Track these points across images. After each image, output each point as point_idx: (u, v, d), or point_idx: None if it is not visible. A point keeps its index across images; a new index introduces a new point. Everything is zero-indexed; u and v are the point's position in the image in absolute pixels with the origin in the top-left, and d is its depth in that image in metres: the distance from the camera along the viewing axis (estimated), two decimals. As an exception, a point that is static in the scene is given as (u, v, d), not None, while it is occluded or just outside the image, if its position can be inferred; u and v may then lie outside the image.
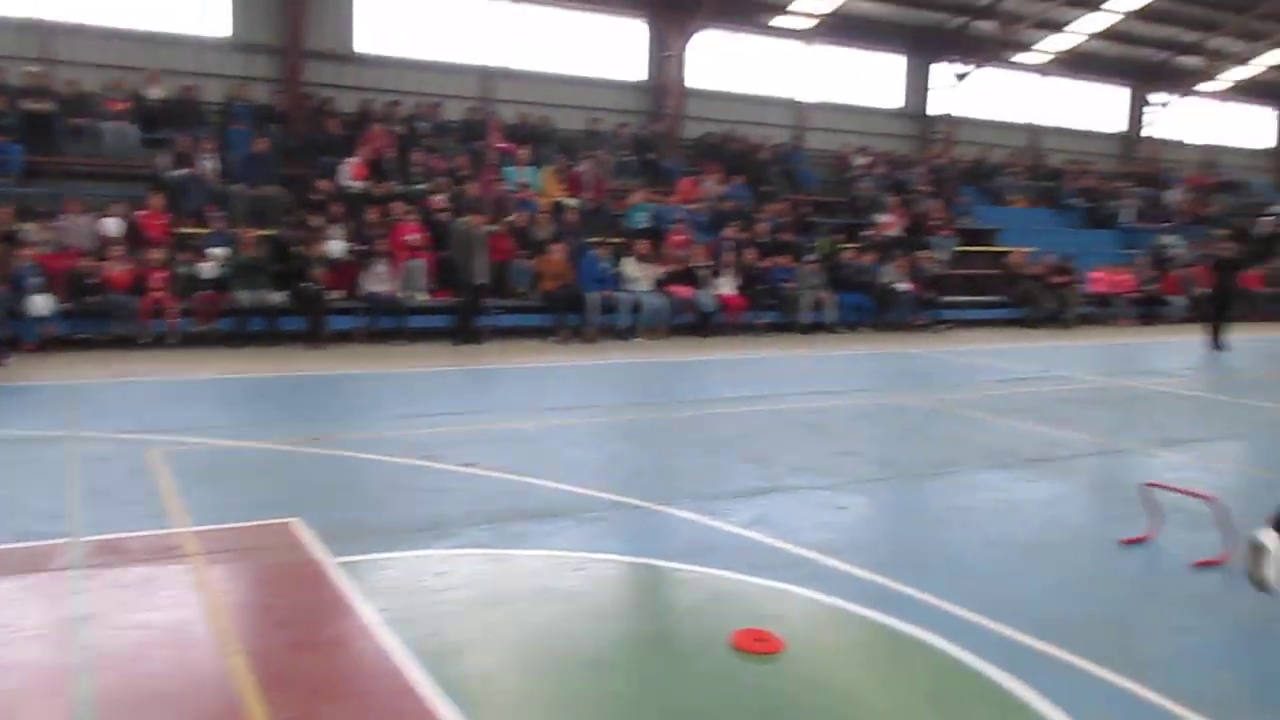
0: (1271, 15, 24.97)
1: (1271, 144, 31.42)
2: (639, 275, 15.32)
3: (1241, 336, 17.29)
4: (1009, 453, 7.70)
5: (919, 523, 5.97)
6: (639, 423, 8.63)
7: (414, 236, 14.35)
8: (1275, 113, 31.10)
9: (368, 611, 4.15)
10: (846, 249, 18.10)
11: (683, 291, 15.52)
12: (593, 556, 4.96)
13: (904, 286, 17.65)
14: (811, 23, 22.06)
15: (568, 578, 4.67)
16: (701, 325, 15.60)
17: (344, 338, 13.39)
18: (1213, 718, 3.45)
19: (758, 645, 3.90)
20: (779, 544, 5.25)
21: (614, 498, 6.04)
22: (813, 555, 5.08)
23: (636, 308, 14.93)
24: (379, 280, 13.80)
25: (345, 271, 13.80)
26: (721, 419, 8.83)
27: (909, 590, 4.61)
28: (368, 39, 18.73)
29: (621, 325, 14.81)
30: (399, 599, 4.32)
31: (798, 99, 22.86)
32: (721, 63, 21.90)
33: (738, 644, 3.91)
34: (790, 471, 6.86)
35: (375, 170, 15.74)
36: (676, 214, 17.22)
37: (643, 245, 15.70)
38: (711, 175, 19.00)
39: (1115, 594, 4.79)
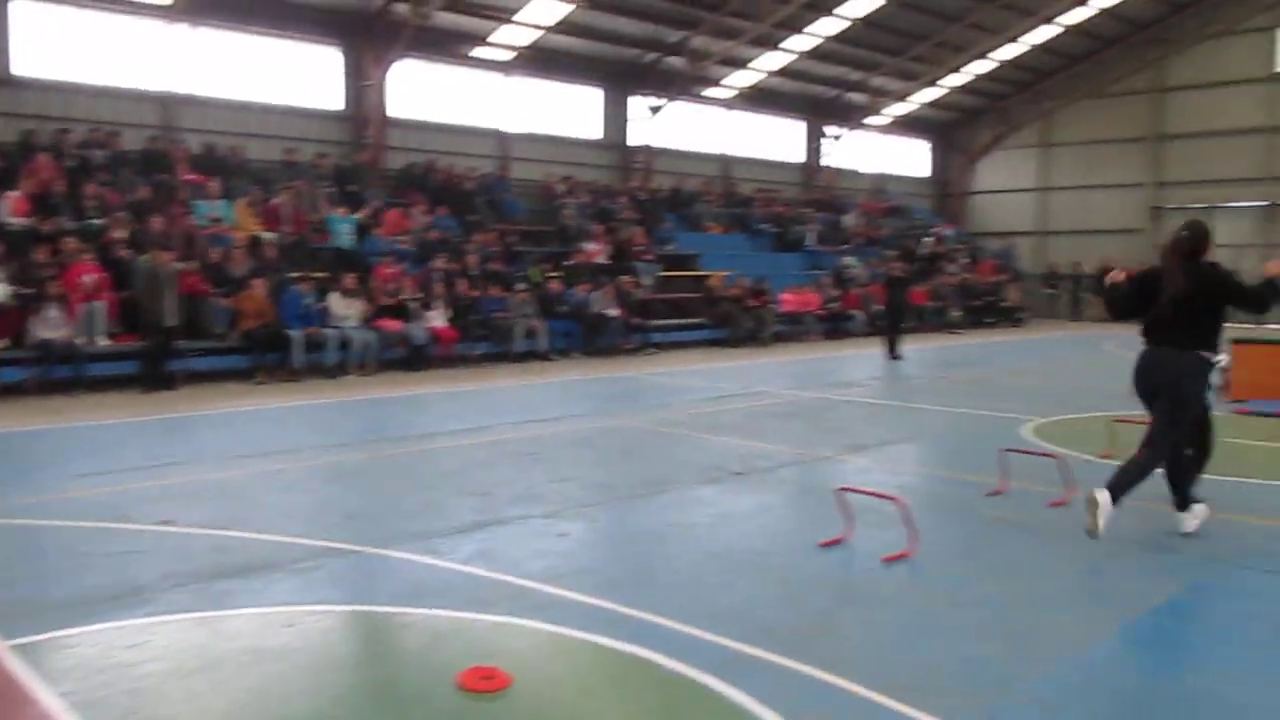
0: (920, 58, 27.92)
1: (928, 173, 35.05)
2: (346, 310, 14.84)
3: (913, 347, 19.12)
4: (718, 467, 8.08)
5: (639, 542, 6.13)
6: (351, 463, 8.33)
7: (91, 277, 13.15)
8: (929, 145, 34.74)
9: (50, 698, 3.72)
10: (555, 277, 18.40)
11: (392, 325, 15.19)
12: (306, 609, 4.72)
13: (612, 312, 18.17)
14: (510, 55, 22.34)
15: (279, 635, 4.41)
16: (413, 359, 15.32)
17: (11, 391, 12.05)
18: (902, 699, 3.76)
19: (484, 684, 3.84)
20: (502, 577, 5.22)
21: (327, 544, 5.79)
22: (536, 585, 5.09)
23: (344, 344, 14.45)
24: (52, 326, 12.53)
25: (10, 318, 12.44)
26: (438, 454, 8.69)
27: (632, 611, 4.72)
28: (28, 61, 16.98)
29: (329, 363, 14.27)
30: (88, 679, 3.91)
31: (502, 129, 23.03)
32: (423, 93, 21.70)
33: (464, 684, 3.84)
34: (510, 502, 6.85)
35: (41, 205, 14.30)
36: (383, 245, 16.84)
37: (349, 279, 15.22)
38: (417, 206, 18.76)
39: (817, 595, 5.12)
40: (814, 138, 30.30)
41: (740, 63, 25.92)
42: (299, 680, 3.97)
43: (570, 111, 24.50)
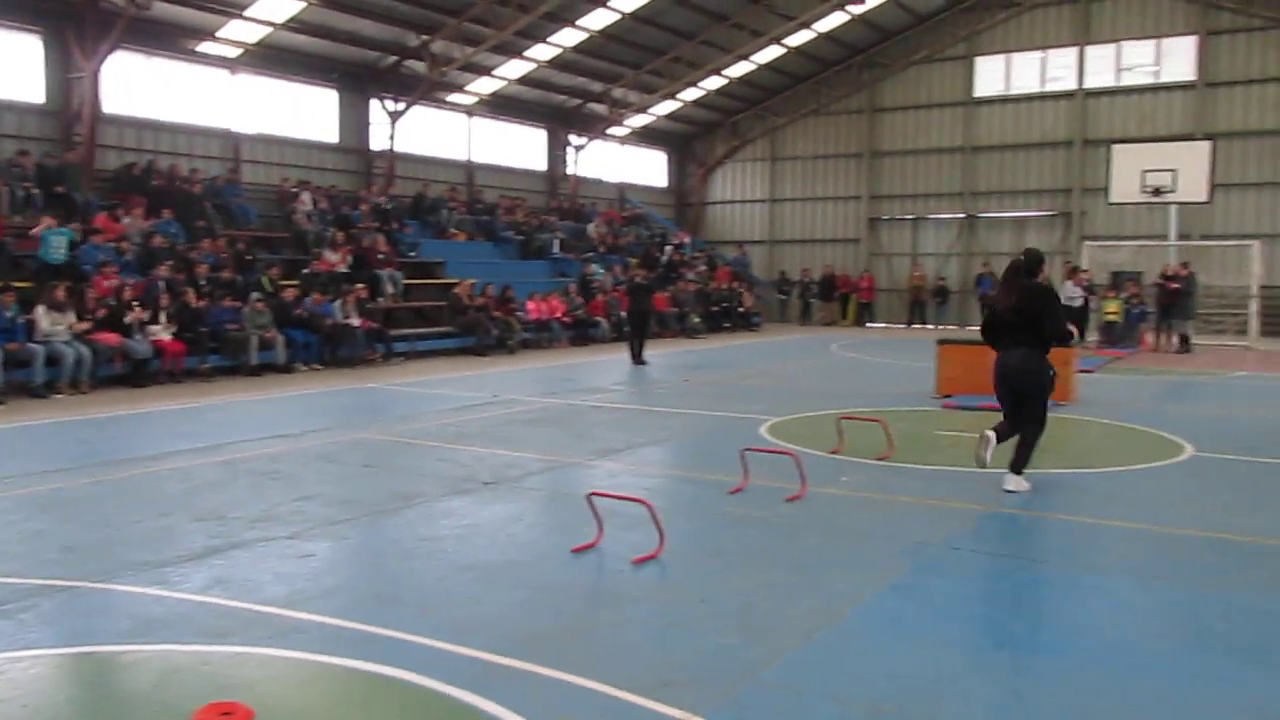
0: (658, 72, 28.83)
1: (666, 183, 36.22)
2: (54, 323, 13.56)
3: (656, 352, 19.69)
4: (468, 478, 8.00)
5: (387, 559, 5.97)
6: (65, 491, 7.61)
7: None
8: (666, 156, 35.91)
9: None
10: (291, 286, 17.60)
11: (110, 339, 14.03)
12: (13, 656, 4.28)
13: (354, 321, 17.61)
14: (238, 51, 21.19)
15: (-17, 686, 3.97)
16: (135, 375, 14.22)
17: None
18: (652, 696, 3.87)
19: (224, 720, 3.62)
20: (240, 604, 4.94)
21: (38, 582, 5.28)
22: (279, 611, 4.85)
23: (52, 360, 13.19)
24: None
25: None
26: (166, 476, 8.11)
27: (381, 630, 4.59)
28: None
29: (35, 382, 13.00)
30: None
31: (231, 129, 21.79)
32: (143, 89, 20.16)
33: (201, 722, 3.60)
34: (248, 525, 6.50)
35: None
36: (100, 253, 15.52)
37: (59, 289, 13.91)
38: (135, 210, 17.42)
39: (571, 600, 5.18)
40: (557, 146, 30.61)
41: (483, 69, 25.80)
42: (7, 735, 3.59)
43: (306, 113, 23.49)
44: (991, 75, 30.81)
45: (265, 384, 14.79)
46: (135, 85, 20.02)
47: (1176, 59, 28.38)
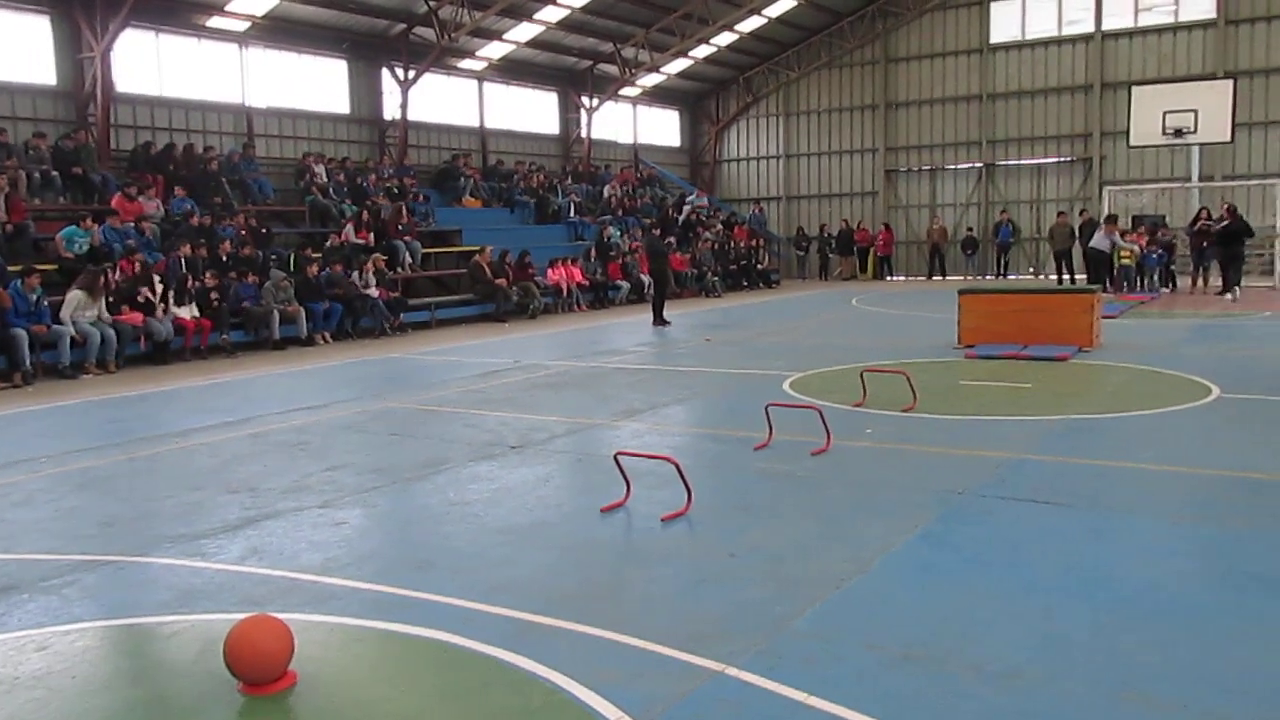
0: (668, 30, 28.56)
1: (679, 143, 35.97)
2: (79, 305, 13.67)
3: (677, 312, 19.68)
4: (495, 443, 8.06)
5: (419, 524, 6.04)
6: (100, 469, 7.73)
7: None
8: (679, 115, 35.64)
9: None
10: (313, 259, 17.66)
11: (134, 318, 14.14)
12: (59, 630, 4.37)
13: (374, 292, 17.68)
14: (246, 24, 21.13)
15: (31, 660, 4.07)
16: (160, 353, 14.35)
17: None
18: (685, 649, 3.92)
19: (268, 685, 3.70)
20: (277, 573, 5.02)
21: (79, 558, 5.38)
22: (315, 578, 4.93)
23: (79, 341, 13.33)
24: None
25: None
26: (197, 451, 8.21)
27: (416, 593, 4.66)
28: None
29: (63, 363, 13.14)
30: None
31: (244, 105, 21.78)
32: (154, 67, 20.16)
33: (247, 688, 3.68)
34: (281, 495, 6.58)
35: None
36: (121, 235, 15.61)
37: (98, 276, 13.96)
38: (152, 190, 17.48)
39: (601, 558, 5.23)
40: (569, 109, 30.43)
41: (492, 34, 25.63)
42: (59, 706, 3.68)
43: (317, 85, 23.44)
44: (1007, 20, 30.32)
45: (288, 357, 14.89)
46: (146, 63, 20.01)
47: (1196, -4, 27.83)
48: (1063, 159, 29.94)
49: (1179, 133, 22.43)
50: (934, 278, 30.36)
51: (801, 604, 4.42)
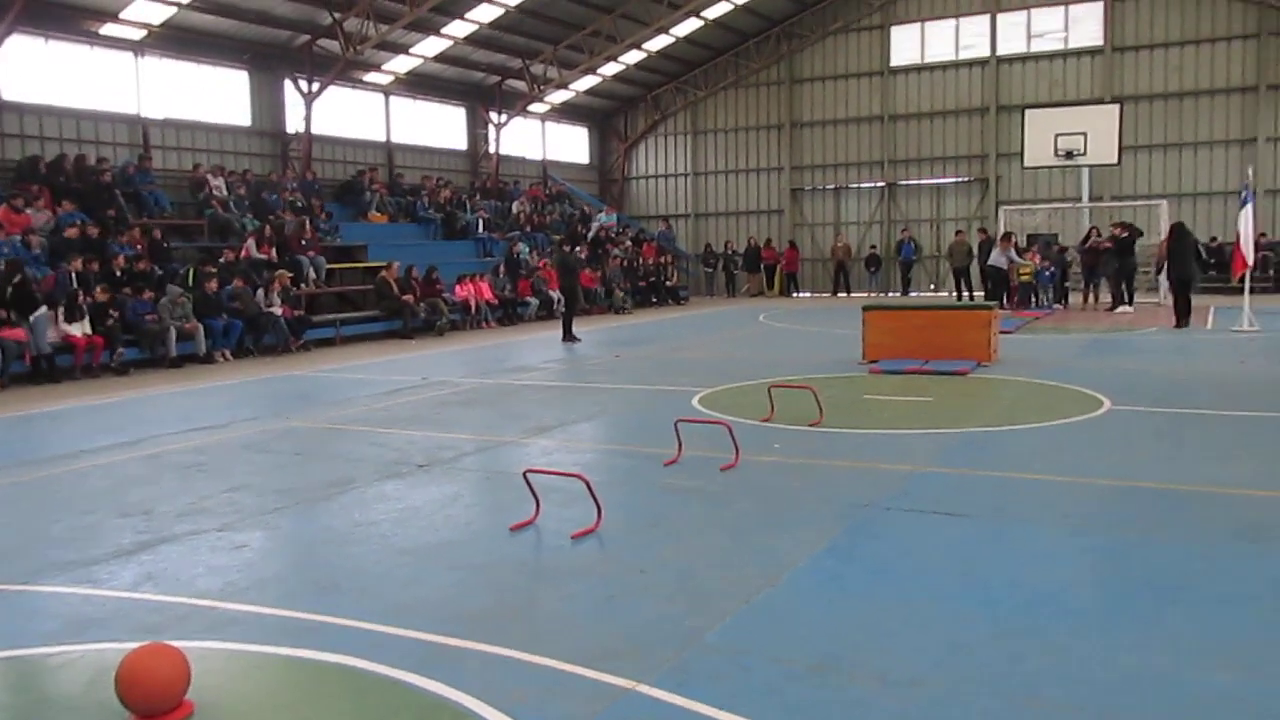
0: (577, 47, 28.63)
1: (588, 160, 36.04)
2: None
3: (585, 328, 19.68)
4: (402, 462, 7.93)
5: (323, 546, 5.90)
6: (-18, 492, 7.37)
7: None
8: (587, 132, 35.72)
9: None
10: (212, 274, 17.18)
11: (15, 335, 13.56)
12: (-62, 662, 4.15)
13: (276, 310, 17.28)
14: (142, 33, 20.52)
15: (-95, 695, 3.85)
16: (46, 372, 13.79)
17: None
18: (596, 667, 3.90)
19: (164, 715, 3.56)
20: (173, 599, 4.85)
21: (-41, 586, 5.11)
22: (213, 603, 4.77)
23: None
24: None
25: None
26: (88, 474, 7.89)
27: (320, 617, 4.55)
28: None
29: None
30: None
31: (140, 115, 21.11)
32: (44, 74, 19.42)
33: (141, 719, 3.54)
34: (177, 518, 6.36)
35: None
36: (6, 248, 14.96)
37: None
38: (41, 201, 16.81)
39: (511, 577, 5.18)
40: (478, 124, 30.25)
41: (399, 47, 25.35)
42: (-66, 743, 3.48)
43: (216, 96, 22.85)
44: (907, 44, 31.18)
45: (186, 376, 14.45)
46: (35, 71, 19.28)
47: (1085, 25, 29.03)
48: (961, 179, 30.85)
49: (1070, 155, 23.30)
50: (839, 294, 30.94)
51: (711, 619, 4.43)
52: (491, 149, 30.22)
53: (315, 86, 23.77)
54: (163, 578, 5.20)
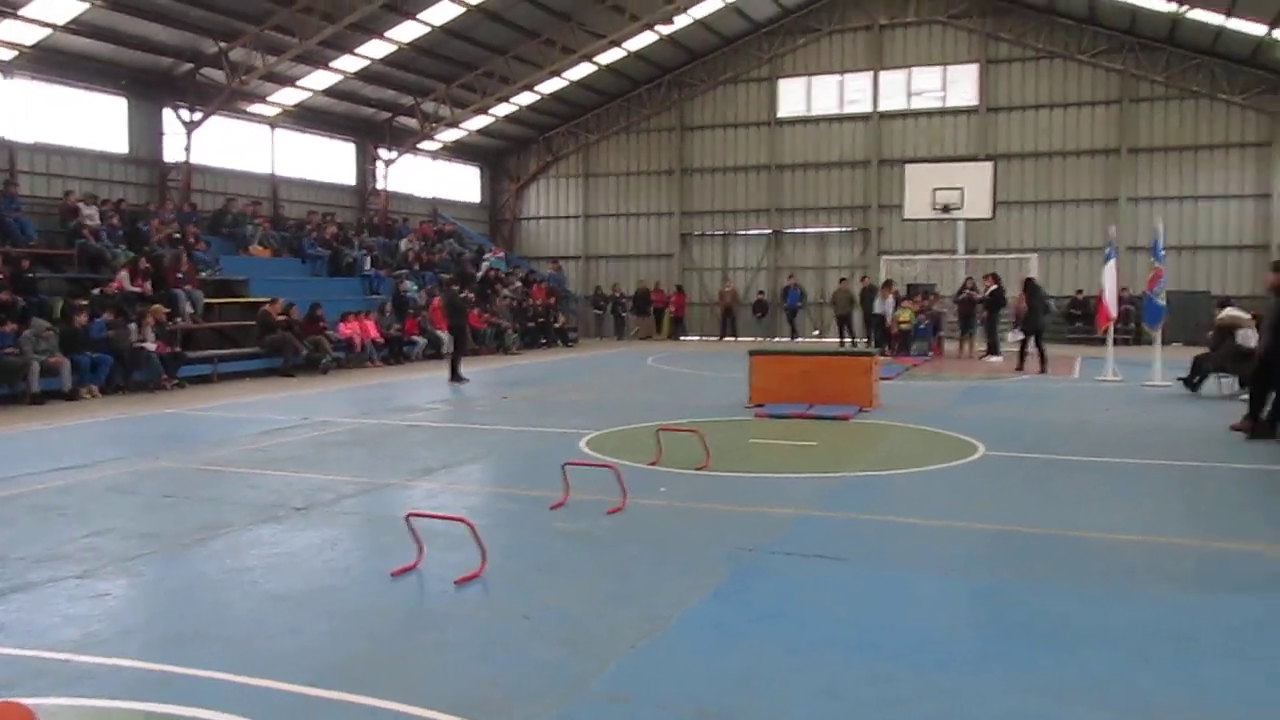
0: (470, 86, 28.59)
1: (479, 199, 35.91)
2: None
3: (473, 369, 19.48)
4: (279, 505, 7.67)
5: (191, 594, 5.64)
6: None
7: None
8: (479, 171, 35.62)
9: None
10: (82, 307, 16.43)
11: None
12: None
13: (150, 345, 16.62)
14: (12, 54, 19.70)
15: None
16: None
17: None
18: (474, 716, 3.81)
19: (7, 777, 3.33)
20: (26, 652, 4.56)
21: None
22: (69, 656, 4.50)
23: None
24: None
25: None
26: (-65, 516, 7.40)
27: (185, 669, 4.33)
28: None
29: None
30: None
31: (6, 139, 20.18)
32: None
33: (-20, 783, 3.30)
34: (33, 565, 6.01)
35: None
36: None
37: None
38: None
39: (390, 624, 5.03)
40: (366, 160, 29.86)
41: (286, 80, 24.92)
42: None
43: (91, 122, 22.03)
44: (794, 97, 32.10)
45: (49, 412, 13.75)
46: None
47: (961, 85, 30.38)
48: (844, 228, 31.74)
49: (947, 208, 24.20)
50: (726, 339, 31.37)
51: (596, 665, 4.38)
52: (381, 185, 29.85)
53: (197, 116, 23.15)
54: (15, 629, 4.89)
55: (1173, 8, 24.28)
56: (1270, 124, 27.61)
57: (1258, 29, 24.14)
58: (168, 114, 23.27)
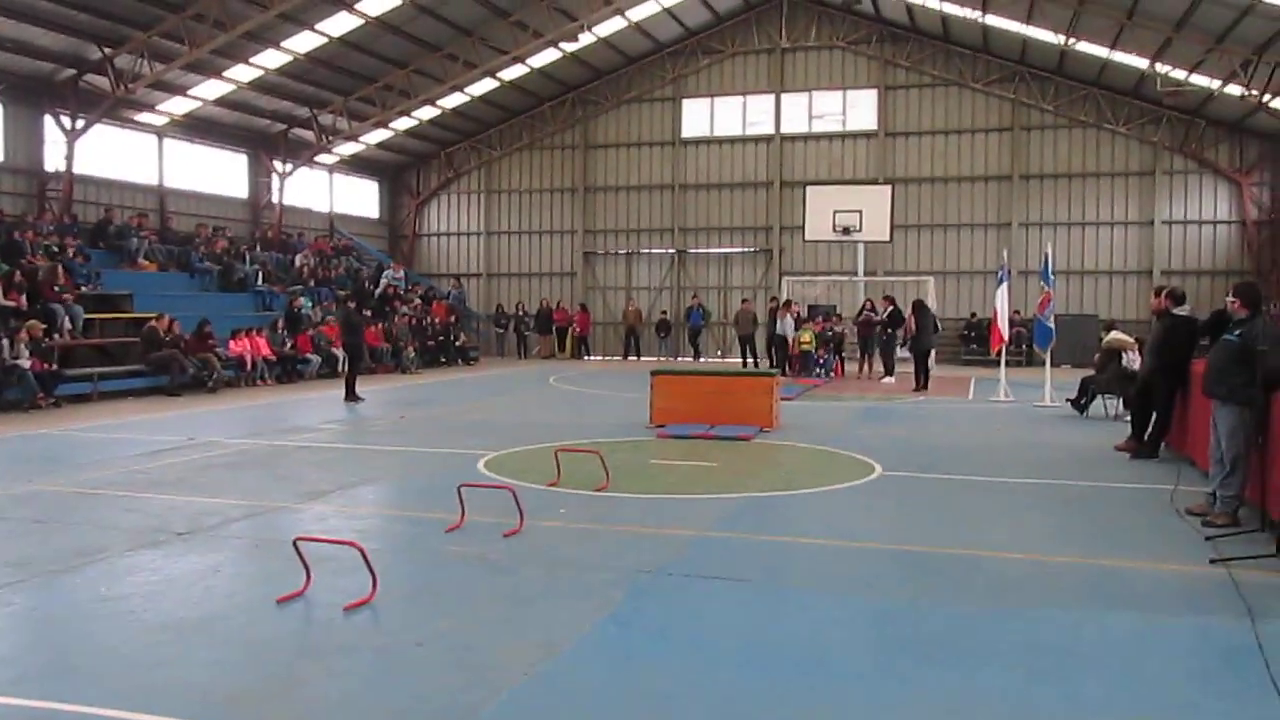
0: (369, 99, 28.14)
1: (378, 214, 35.32)
2: None
3: (370, 388, 19.08)
4: (160, 529, 7.35)
5: (63, 623, 5.34)
6: None
7: None
8: (377, 186, 35.06)
9: None
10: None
11: None
12: None
13: (25, 361, 15.85)
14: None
15: None
16: None
17: None
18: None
19: None
20: (-128, 691, 4.24)
21: None
22: (-78, 694, 4.21)
23: None
24: None
25: None
26: None
27: (54, 704, 4.09)
28: None
29: None
30: None
31: None
32: None
33: None
34: (-115, 596, 5.62)
35: None
36: None
37: None
38: None
39: (276, 654, 4.84)
40: (260, 173, 29.12)
41: (176, 88, 24.16)
42: None
43: (-35, 128, 21.04)
44: (697, 117, 32.44)
45: (-87, 432, 12.99)
46: None
47: (860, 110, 31.11)
48: (747, 249, 32.14)
49: (847, 231, 24.66)
50: (629, 358, 31.39)
51: (489, 693, 4.27)
52: (275, 199, 29.13)
53: (80, 124, 22.28)
54: None
55: (1060, 39, 25.26)
56: (1152, 154, 28.94)
57: (1140, 62, 25.29)
58: (48, 121, 22.35)
